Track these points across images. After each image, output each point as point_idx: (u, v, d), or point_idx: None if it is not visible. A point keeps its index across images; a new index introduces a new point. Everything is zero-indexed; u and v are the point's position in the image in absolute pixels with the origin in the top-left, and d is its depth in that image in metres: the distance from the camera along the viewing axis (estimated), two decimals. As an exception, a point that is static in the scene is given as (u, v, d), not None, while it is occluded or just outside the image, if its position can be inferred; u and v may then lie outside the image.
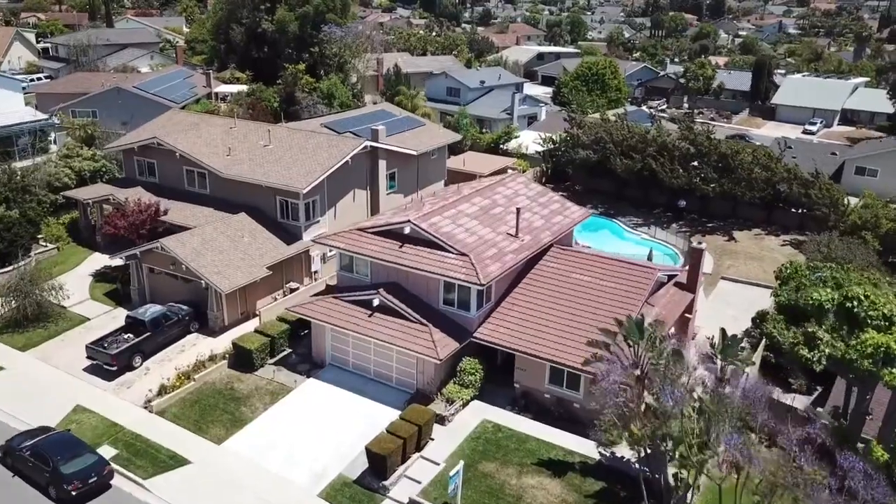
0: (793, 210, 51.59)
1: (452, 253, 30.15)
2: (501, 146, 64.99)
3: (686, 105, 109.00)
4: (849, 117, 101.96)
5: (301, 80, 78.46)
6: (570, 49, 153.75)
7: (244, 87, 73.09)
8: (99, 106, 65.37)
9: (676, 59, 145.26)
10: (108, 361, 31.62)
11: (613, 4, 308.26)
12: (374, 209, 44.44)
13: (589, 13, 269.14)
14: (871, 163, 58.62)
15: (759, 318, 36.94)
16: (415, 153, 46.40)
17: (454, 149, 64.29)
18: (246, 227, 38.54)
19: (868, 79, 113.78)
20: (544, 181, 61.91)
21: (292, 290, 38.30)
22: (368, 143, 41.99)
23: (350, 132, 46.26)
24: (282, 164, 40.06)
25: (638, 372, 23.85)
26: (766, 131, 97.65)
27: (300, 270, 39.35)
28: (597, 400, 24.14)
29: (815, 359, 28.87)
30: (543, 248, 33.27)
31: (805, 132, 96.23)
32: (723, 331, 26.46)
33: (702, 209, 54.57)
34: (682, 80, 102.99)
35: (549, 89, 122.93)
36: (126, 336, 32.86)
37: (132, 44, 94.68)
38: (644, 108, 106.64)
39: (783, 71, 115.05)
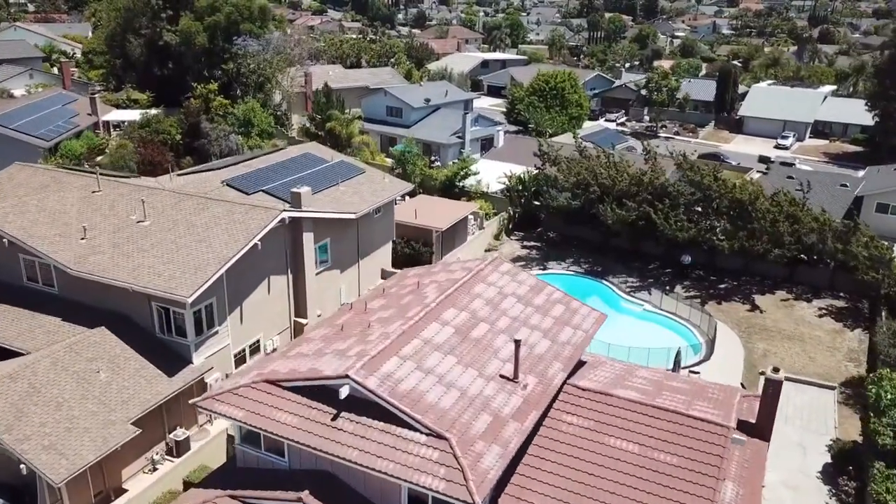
0: (821, 265, 41.87)
1: (422, 433, 18.54)
2: (458, 184, 53.62)
3: (647, 118, 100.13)
4: (820, 129, 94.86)
5: (213, 103, 65.53)
6: (515, 56, 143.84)
7: (137, 115, 59.50)
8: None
9: (627, 66, 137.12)
10: None
11: (547, 5, 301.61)
12: (300, 299, 32.44)
13: (524, 14, 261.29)
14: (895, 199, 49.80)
15: (842, 455, 26.72)
16: (353, 216, 34.55)
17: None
18: (105, 353, 25.97)
19: (835, 87, 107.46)
20: (511, 227, 50.93)
21: (177, 445, 25.96)
22: (286, 215, 29.94)
23: (263, 192, 34.06)
24: (160, 254, 27.62)
25: None
26: (737, 146, 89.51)
27: (192, 410, 27.00)
28: None
29: None
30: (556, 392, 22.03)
31: (778, 147, 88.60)
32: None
33: (708, 263, 44.46)
34: (643, 92, 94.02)
35: (498, 101, 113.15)
36: None
37: (4, 59, 79.00)
38: (609, 123, 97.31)
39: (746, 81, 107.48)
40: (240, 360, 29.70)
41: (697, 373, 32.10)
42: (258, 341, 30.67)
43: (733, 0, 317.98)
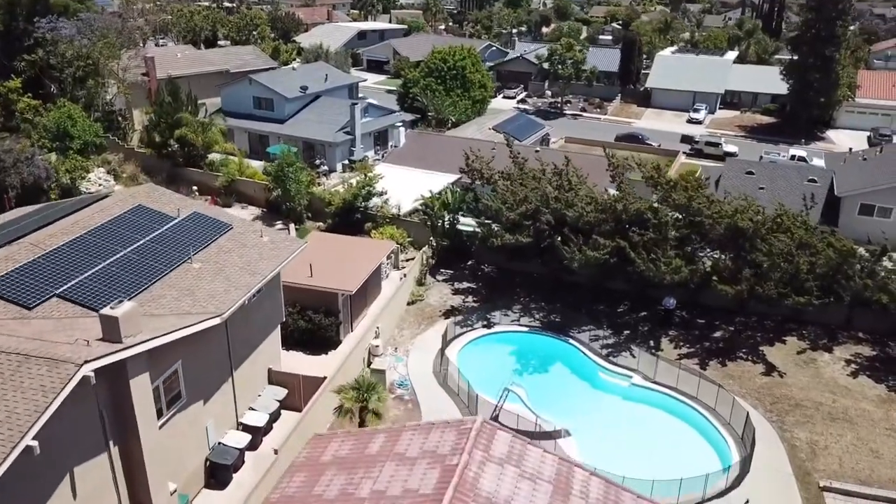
0: (830, 299, 32.92)
1: None
2: (360, 208, 41.03)
3: (549, 94, 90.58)
4: (729, 100, 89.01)
5: (18, 105, 49.03)
6: (395, 25, 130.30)
7: None
8: None
9: (515, 32, 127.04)
10: None
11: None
12: (136, 478, 19.28)
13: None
14: (882, 199, 42.22)
15: None
16: (218, 320, 21.46)
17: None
18: None
19: (737, 52, 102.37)
20: (436, 262, 39.21)
21: None
22: (93, 368, 16.55)
23: (59, 297, 20.23)
24: None
25: None
26: (649, 122, 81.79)
27: None
28: None
29: None
30: None
31: (691, 121, 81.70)
32: None
33: (691, 301, 34.81)
34: (545, 65, 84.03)
35: (381, 77, 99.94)
36: None
37: None
38: (507, 101, 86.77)
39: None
40: None
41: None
42: (65, 578, 17.47)
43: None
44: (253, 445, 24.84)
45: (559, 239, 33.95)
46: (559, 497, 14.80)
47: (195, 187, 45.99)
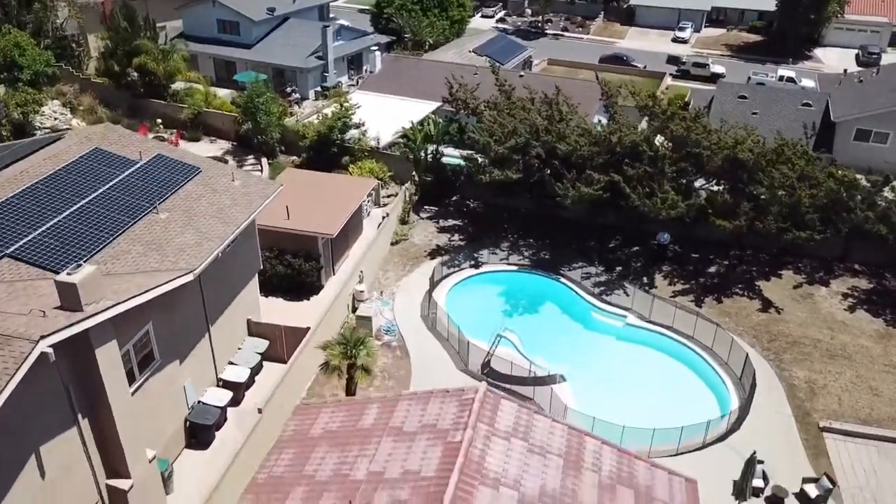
0: (828, 233, 31.47)
1: None
2: (336, 140, 38.69)
3: (528, 12, 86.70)
4: (715, 17, 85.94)
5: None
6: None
7: None
8: None
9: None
10: None
11: None
12: (110, 450, 17.95)
13: None
14: (879, 124, 40.76)
15: None
16: (190, 276, 19.69)
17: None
18: None
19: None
20: (419, 198, 37.47)
21: None
22: (50, 344, 14.83)
23: (9, 256, 18.27)
24: None
25: None
26: (633, 42, 78.94)
27: None
28: None
29: None
30: None
31: (676, 40, 79.03)
32: None
33: (684, 235, 33.60)
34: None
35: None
36: None
37: None
38: (485, 20, 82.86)
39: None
40: None
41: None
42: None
43: None
44: (235, 401, 23.61)
45: (549, 173, 32.23)
46: (571, 471, 13.74)
47: (159, 120, 43.13)
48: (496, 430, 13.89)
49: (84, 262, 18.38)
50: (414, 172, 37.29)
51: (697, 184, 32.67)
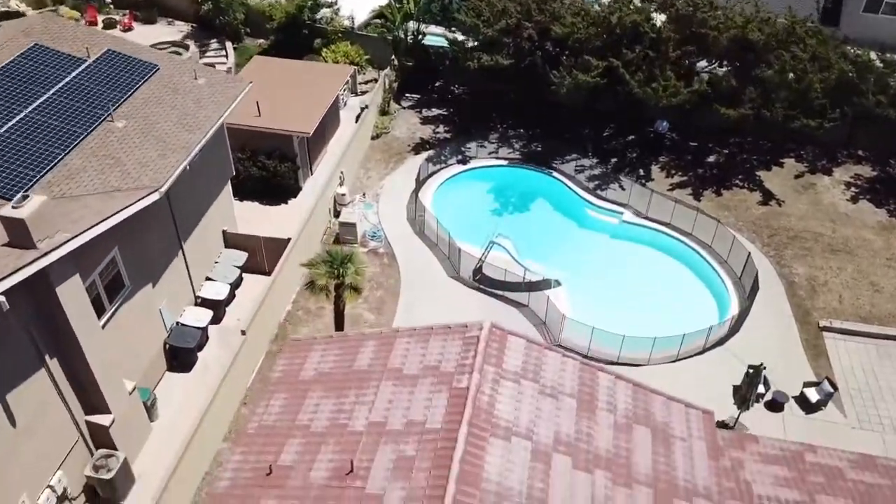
0: (838, 121, 29.49)
1: None
2: (306, 21, 35.28)
3: None
4: None
5: None
6: None
7: None
8: None
9: None
10: None
11: None
12: (86, 387, 16.80)
13: None
14: (891, -7, 37.90)
15: None
16: (157, 195, 17.74)
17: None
18: None
19: None
20: (400, 85, 34.86)
21: None
22: (2, 289, 13.16)
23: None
24: None
25: None
26: None
27: None
28: None
29: None
30: None
31: None
32: None
33: (682, 123, 31.66)
34: None
35: None
36: None
37: None
38: None
39: None
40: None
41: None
42: (22, 504, 15.57)
43: None
44: (216, 318, 22.40)
45: (540, 55, 29.67)
46: (585, 413, 12.83)
47: (109, 0, 39.00)
48: (504, 372, 12.80)
49: (33, 183, 16.46)
50: (393, 57, 34.37)
51: (700, 65, 30.38)
